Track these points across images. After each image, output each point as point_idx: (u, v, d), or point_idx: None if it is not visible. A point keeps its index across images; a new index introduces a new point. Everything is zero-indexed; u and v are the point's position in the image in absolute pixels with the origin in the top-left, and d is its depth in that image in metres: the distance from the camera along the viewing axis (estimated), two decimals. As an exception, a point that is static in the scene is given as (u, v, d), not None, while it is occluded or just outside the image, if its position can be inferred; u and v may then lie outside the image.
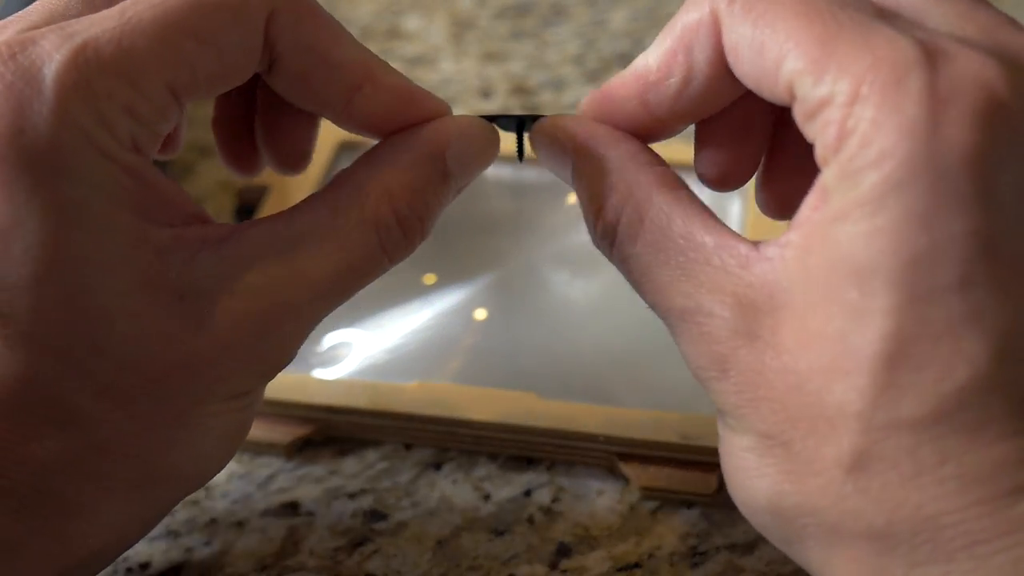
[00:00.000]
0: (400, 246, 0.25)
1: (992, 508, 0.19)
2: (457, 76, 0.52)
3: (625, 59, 0.53)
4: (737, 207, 0.41)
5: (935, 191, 0.19)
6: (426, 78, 0.52)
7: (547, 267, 0.40)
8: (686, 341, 0.23)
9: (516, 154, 0.28)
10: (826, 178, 0.20)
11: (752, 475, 0.22)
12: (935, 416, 0.19)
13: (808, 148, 0.21)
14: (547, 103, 0.50)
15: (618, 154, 0.25)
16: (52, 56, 0.21)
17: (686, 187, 0.24)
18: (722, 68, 0.23)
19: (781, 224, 0.39)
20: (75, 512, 0.23)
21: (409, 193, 0.25)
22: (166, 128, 0.23)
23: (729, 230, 0.23)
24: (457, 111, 0.27)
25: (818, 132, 0.20)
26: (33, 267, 0.21)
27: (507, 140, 0.29)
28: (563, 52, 0.54)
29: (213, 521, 0.33)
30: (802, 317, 0.20)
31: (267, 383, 0.26)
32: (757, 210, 0.40)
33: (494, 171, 0.44)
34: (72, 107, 0.21)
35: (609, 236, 0.24)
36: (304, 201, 0.25)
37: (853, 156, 0.19)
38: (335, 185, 0.25)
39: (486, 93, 0.51)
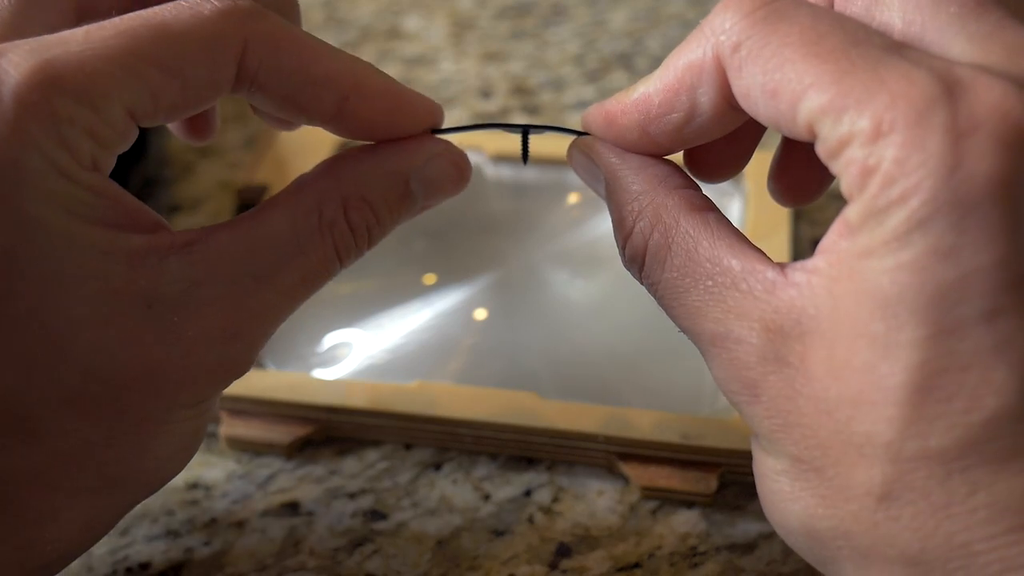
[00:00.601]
0: (351, 252, 0.26)
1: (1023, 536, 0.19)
2: (457, 76, 0.52)
3: (625, 59, 0.53)
4: (737, 207, 0.41)
5: (960, 224, 0.19)
6: (426, 78, 0.52)
7: (547, 267, 0.40)
8: (717, 366, 0.23)
9: (521, 155, 0.29)
10: (852, 214, 0.20)
11: (786, 498, 0.22)
12: (964, 447, 0.19)
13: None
14: (547, 103, 0.50)
15: (647, 176, 0.25)
16: (10, 75, 0.21)
17: (715, 209, 0.24)
18: (726, 108, 0.23)
19: (780, 225, 0.39)
20: (37, 520, 0.23)
21: (362, 205, 0.26)
22: (123, 148, 0.23)
23: (756, 252, 0.23)
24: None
25: (842, 170, 0.20)
26: None
27: (514, 140, 0.29)
28: (563, 52, 0.54)
29: (213, 521, 0.33)
30: (830, 346, 0.20)
31: (223, 390, 0.26)
32: (757, 210, 0.40)
33: (494, 171, 0.44)
34: (32, 128, 0.21)
35: (638, 261, 0.25)
36: (266, 204, 0.25)
37: (876, 195, 0.19)
38: (296, 190, 0.26)
39: (486, 93, 0.51)
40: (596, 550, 0.32)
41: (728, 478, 0.33)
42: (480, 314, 0.38)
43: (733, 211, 0.41)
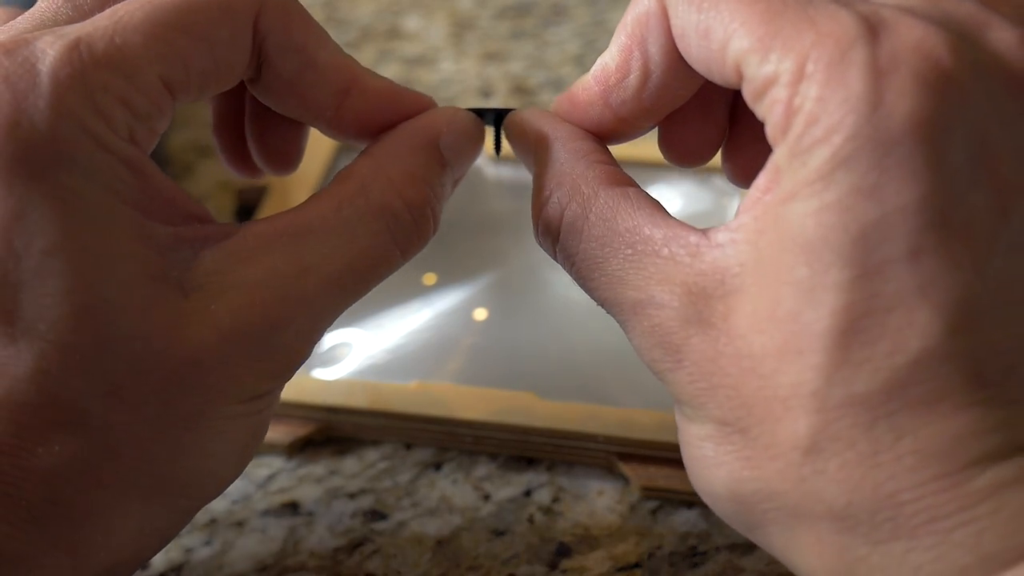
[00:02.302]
0: (411, 235, 0.25)
1: (951, 483, 0.19)
2: (457, 76, 0.52)
3: (625, 59, 0.53)
4: (736, 203, 0.41)
5: (882, 164, 0.19)
6: (426, 78, 0.52)
7: (547, 267, 0.39)
8: (638, 334, 0.23)
9: (495, 150, 0.29)
10: (777, 158, 0.20)
11: (710, 464, 0.22)
12: (890, 391, 0.19)
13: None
14: (547, 103, 0.50)
15: (570, 149, 0.25)
16: (47, 52, 0.21)
17: (634, 184, 0.24)
18: (676, 57, 0.23)
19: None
20: (87, 523, 0.22)
21: (412, 180, 0.25)
22: (162, 125, 0.23)
23: (678, 222, 0.23)
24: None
25: (767, 112, 0.20)
26: (35, 260, 0.21)
27: (490, 138, 0.29)
28: (563, 52, 0.54)
29: (213, 521, 0.33)
30: (754, 300, 0.20)
31: (282, 384, 0.25)
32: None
33: (494, 171, 0.44)
34: (68, 99, 0.21)
35: (552, 232, 0.24)
36: (308, 199, 0.25)
37: (801, 135, 0.19)
38: (338, 180, 0.25)
39: (486, 93, 0.51)
40: (596, 550, 0.32)
41: (728, 478, 0.33)
42: (480, 314, 0.38)
43: (732, 211, 0.41)
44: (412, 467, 0.34)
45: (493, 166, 0.44)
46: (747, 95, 0.21)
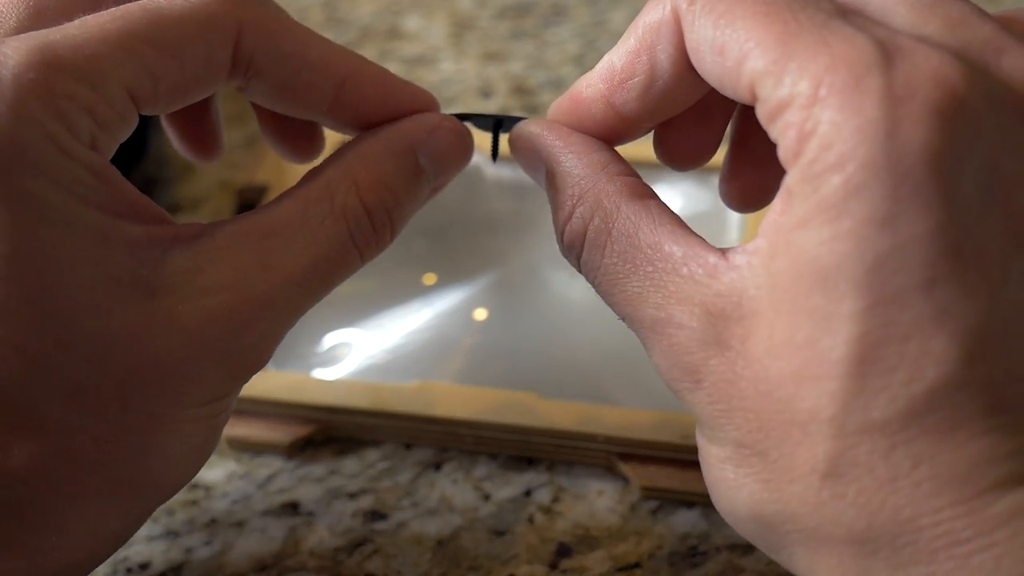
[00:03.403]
0: (370, 240, 0.25)
1: (969, 508, 0.19)
2: (457, 76, 0.52)
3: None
4: (736, 215, 0.41)
5: (896, 193, 0.19)
6: (426, 78, 0.52)
7: (547, 267, 0.39)
8: (657, 353, 0.23)
9: (492, 157, 0.29)
10: (789, 181, 0.20)
11: (731, 485, 0.22)
12: (907, 418, 0.19)
13: (771, 142, 0.21)
14: (547, 103, 0.50)
15: (589, 162, 0.25)
16: (11, 57, 0.21)
17: (655, 196, 0.24)
18: (685, 67, 0.23)
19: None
20: (43, 526, 0.22)
21: (377, 185, 0.25)
22: (124, 134, 0.23)
23: (698, 239, 0.23)
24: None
25: (780, 134, 0.20)
26: None
27: (486, 140, 0.29)
28: (563, 52, 0.54)
29: (213, 521, 0.33)
30: (770, 324, 0.20)
31: (240, 387, 0.25)
32: (756, 218, 0.40)
33: (494, 171, 0.44)
34: (31, 104, 0.21)
35: (577, 247, 0.24)
36: (276, 198, 0.25)
37: (814, 160, 0.19)
38: (305, 180, 0.25)
39: (486, 93, 0.51)
40: (596, 550, 0.32)
41: (728, 478, 0.33)
42: (480, 314, 0.38)
43: (732, 219, 0.41)
44: (412, 467, 0.34)
45: (493, 166, 0.44)
46: (761, 116, 0.21)
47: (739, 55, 0.21)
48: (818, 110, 0.19)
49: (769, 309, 0.20)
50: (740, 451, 0.21)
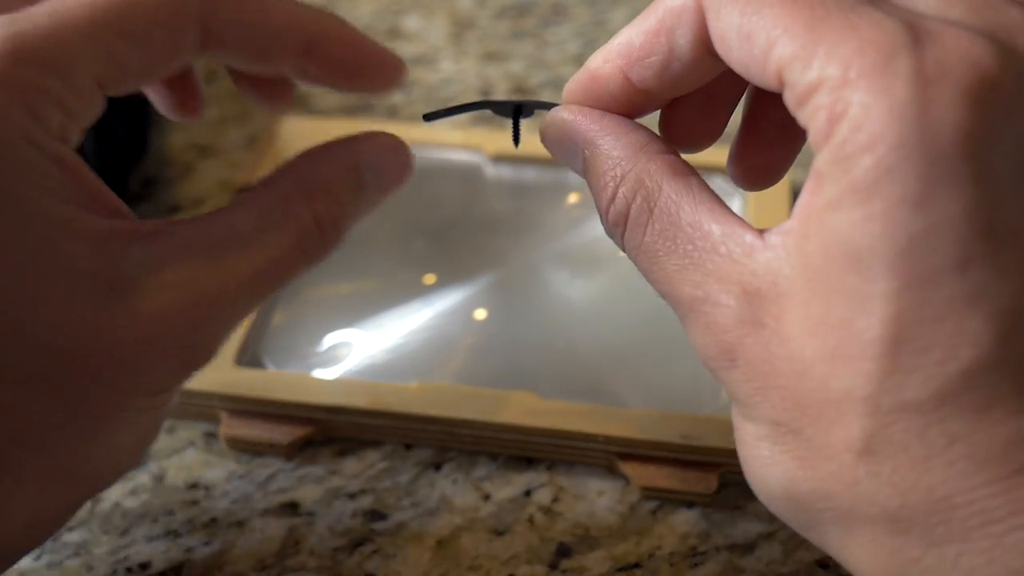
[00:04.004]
0: (317, 247, 0.27)
1: (1004, 487, 0.19)
2: (457, 76, 0.52)
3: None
4: (737, 205, 0.41)
5: (928, 173, 0.19)
6: (426, 78, 0.52)
7: (547, 267, 0.40)
8: (695, 331, 0.23)
9: (512, 143, 0.29)
10: (820, 164, 0.20)
11: (766, 463, 0.22)
12: (941, 398, 0.19)
13: (780, 122, 0.21)
14: (547, 103, 0.50)
15: (628, 142, 0.25)
16: None
17: (696, 174, 0.24)
18: (704, 51, 0.23)
19: (779, 212, 0.39)
20: None
21: (326, 198, 0.26)
22: (91, 120, 0.24)
23: (736, 218, 0.23)
24: (463, 104, 0.27)
25: (809, 118, 0.20)
26: None
27: (511, 138, 0.29)
28: (563, 52, 0.54)
29: (213, 521, 0.33)
30: (805, 304, 0.21)
31: (185, 381, 0.26)
32: (757, 208, 0.40)
33: (494, 171, 0.44)
34: (1, 97, 0.21)
35: (620, 225, 0.25)
36: (232, 203, 0.26)
37: (844, 141, 0.19)
38: (261, 188, 0.27)
39: (486, 93, 0.51)
40: (596, 550, 0.32)
41: (728, 478, 0.33)
42: (480, 314, 0.38)
43: (733, 209, 0.41)
44: (412, 467, 0.34)
45: (493, 166, 0.44)
46: (789, 101, 0.21)
47: (766, 42, 0.21)
48: (848, 92, 0.19)
49: (803, 289, 0.21)
50: (776, 429, 0.22)
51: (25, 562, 0.32)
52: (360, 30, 0.27)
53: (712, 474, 0.33)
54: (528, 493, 0.33)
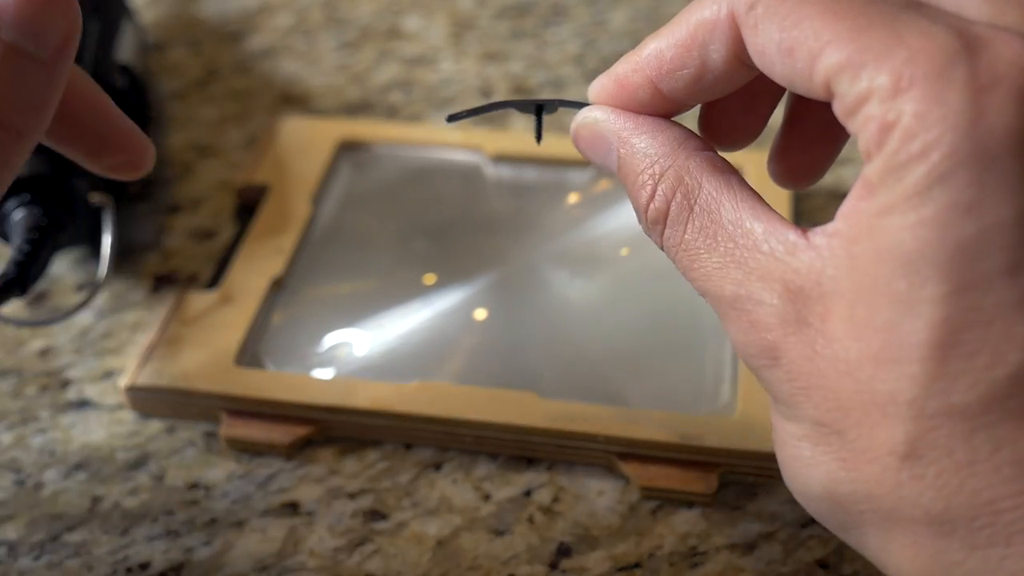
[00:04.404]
0: None
1: None
2: (457, 76, 0.52)
3: (625, 59, 0.53)
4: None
5: (981, 179, 0.19)
6: (426, 78, 0.52)
7: (547, 267, 0.39)
8: (736, 329, 0.23)
9: (535, 139, 0.28)
10: (871, 172, 0.20)
11: (807, 463, 0.22)
12: (988, 402, 0.19)
13: (823, 121, 0.21)
14: (547, 103, 0.50)
15: (665, 140, 0.25)
16: None
17: (736, 171, 0.24)
18: (738, 64, 0.23)
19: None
20: None
21: None
22: None
23: (778, 216, 0.23)
24: (464, 108, 0.27)
25: (860, 128, 0.20)
26: None
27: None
28: (563, 52, 0.54)
29: (213, 521, 0.33)
30: (851, 306, 0.21)
31: None
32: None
33: (494, 171, 0.44)
34: None
35: (660, 223, 0.24)
36: None
37: (897, 150, 0.19)
38: None
39: (486, 93, 0.51)
40: (596, 550, 0.32)
41: (728, 478, 0.33)
42: (480, 314, 0.38)
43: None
44: (412, 467, 0.34)
45: (493, 166, 0.44)
46: (838, 111, 0.21)
47: (809, 55, 0.21)
48: (900, 102, 0.19)
49: (849, 291, 0.21)
50: (818, 429, 0.22)
51: (25, 562, 0.32)
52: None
53: (712, 474, 0.33)
54: (528, 493, 0.33)
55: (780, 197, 0.40)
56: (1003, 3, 0.21)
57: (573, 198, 0.42)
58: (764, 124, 0.27)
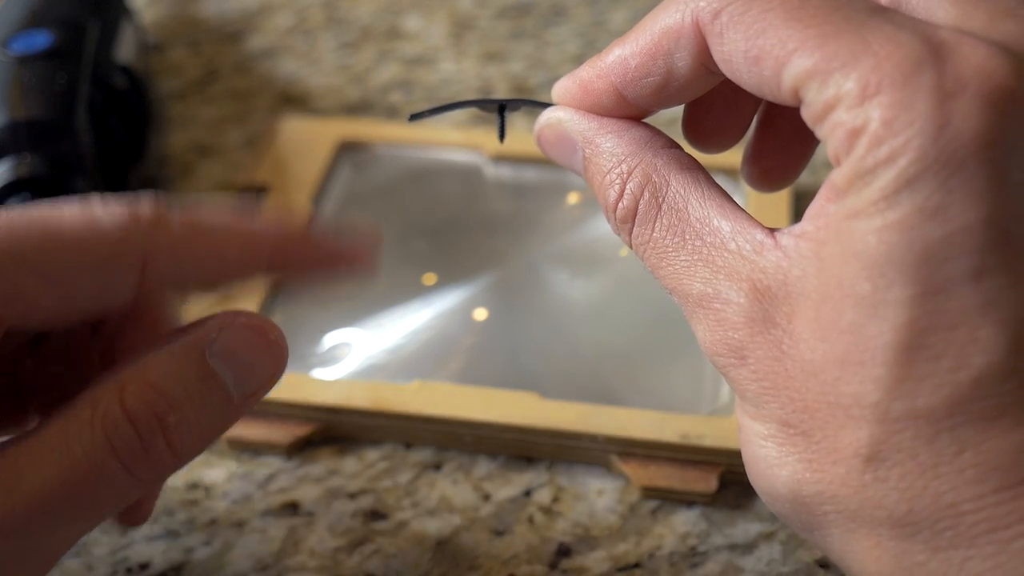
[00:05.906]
0: (136, 451, 0.22)
1: (1011, 495, 0.19)
2: (457, 76, 0.52)
3: (625, 59, 0.53)
4: (738, 201, 0.41)
5: (947, 185, 0.19)
6: (426, 78, 0.52)
7: (547, 267, 0.40)
8: (703, 328, 0.23)
9: (498, 133, 0.29)
10: (838, 177, 0.20)
11: (772, 463, 0.22)
12: (952, 406, 0.19)
13: (796, 123, 0.21)
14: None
15: (631, 139, 0.25)
16: None
17: (703, 169, 0.24)
18: (704, 71, 0.23)
19: (780, 224, 0.39)
20: None
21: (146, 389, 0.22)
22: None
23: (745, 214, 0.23)
24: (457, 111, 0.27)
25: (828, 133, 0.20)
26: None
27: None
28: (563, 52, 0.54)
29: (213, 521, 0.33)
30: (816, 307, 0.21)
31: None
32: (757, 208, 0.40)
33: (494, 171, 0.44)
34: None
35: (629, 222, 0.24)
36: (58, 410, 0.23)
37: (864, 156, 0.19)
38: (82, 393, 0.23)
39: (486, 93, 0.51)
40: (596, 550, 0.32)
41: (728, 478, 0.33)
42: (480, 314, 0.38)
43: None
44: (412, 467, 0.34)
45: (493, 166, 0.44)
46: (807, 117, 0.21)
47: (776, 63, 0.21)
48: (868, 108, 0.19)
49: (815, 292, 0.21)
50: (784, 430, 0.22)
51: (25, 562, 0.32)
52: (324, 224, 0.25)
53: (712, 474, 0.33)
54: (528, 493, 0.33)
55: (780, 198, 0.40)
56: (970, 7, 0.21)
57: (573, 198, 0.42)
58: (748, 124, 0.27)
